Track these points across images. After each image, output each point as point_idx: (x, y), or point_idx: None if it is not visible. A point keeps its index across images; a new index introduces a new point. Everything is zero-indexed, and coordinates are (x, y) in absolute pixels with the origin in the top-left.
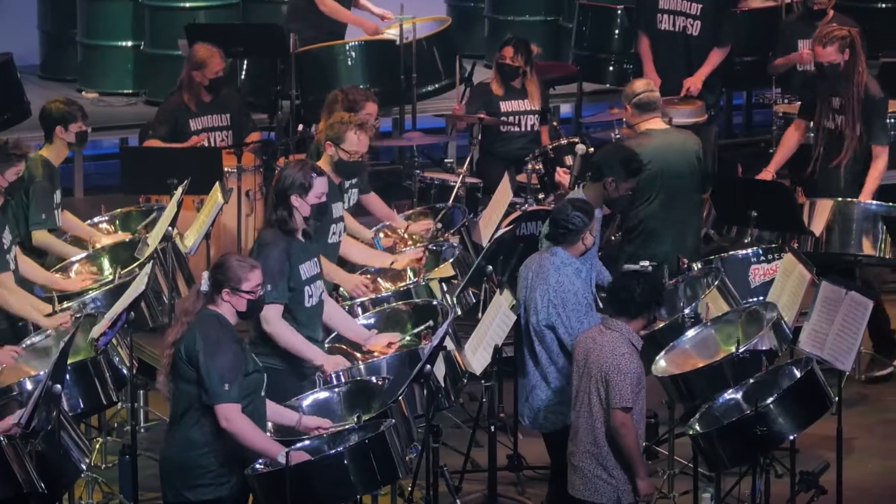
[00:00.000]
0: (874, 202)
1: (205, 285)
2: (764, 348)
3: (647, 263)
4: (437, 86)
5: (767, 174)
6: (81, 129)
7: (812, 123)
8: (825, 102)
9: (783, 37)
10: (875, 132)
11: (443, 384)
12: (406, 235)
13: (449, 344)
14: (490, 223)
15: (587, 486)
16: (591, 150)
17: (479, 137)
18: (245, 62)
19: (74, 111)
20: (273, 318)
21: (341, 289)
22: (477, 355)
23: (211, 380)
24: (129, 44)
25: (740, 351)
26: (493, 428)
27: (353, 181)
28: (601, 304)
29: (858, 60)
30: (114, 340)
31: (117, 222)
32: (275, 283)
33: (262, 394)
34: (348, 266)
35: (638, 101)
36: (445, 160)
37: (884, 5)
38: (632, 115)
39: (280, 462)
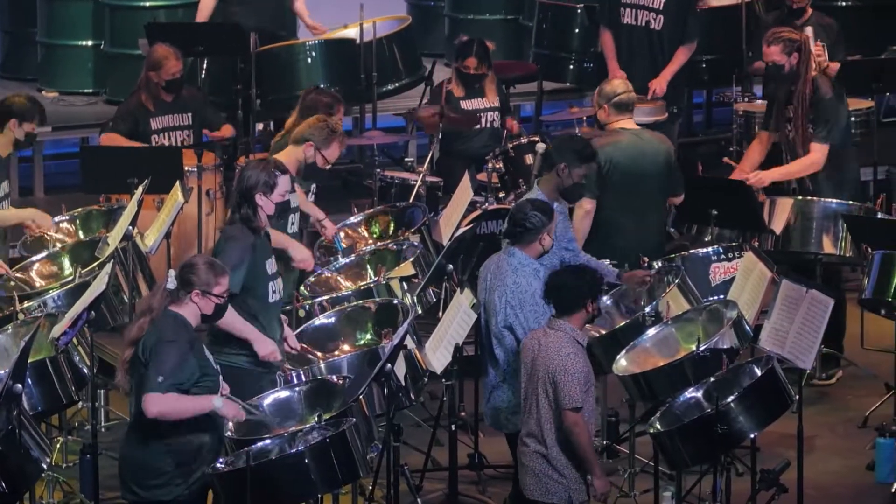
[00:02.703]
0: (834, 200)
1: (171, 283)
2: (725, 347)
3: (608, 262)
4: (397, 85)
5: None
6: (33, 130)
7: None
8: (781, 113)
9: (761, 36)
10: (817, 129)
11: (403, 383)
12: (366, 234)
13: (409, 343)
14: (450, 222)
15: (539, 487)
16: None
17: (440, 136)
18: (205, 61)
19: (34, 111)
20: None
21: (301, 287)
22: (437, 354)
23: (150, 371)
24: (90, 43)
25: (701, 349)
26: (453, 427)
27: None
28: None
29: (807, 67)
30: (74, 340)
31: (78, 221)
32: (234, 271)
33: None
34: None
35: (618, 101)
36: (406, 159)
37: (843, 4)
38: (608, 114)
39: (217, 406)
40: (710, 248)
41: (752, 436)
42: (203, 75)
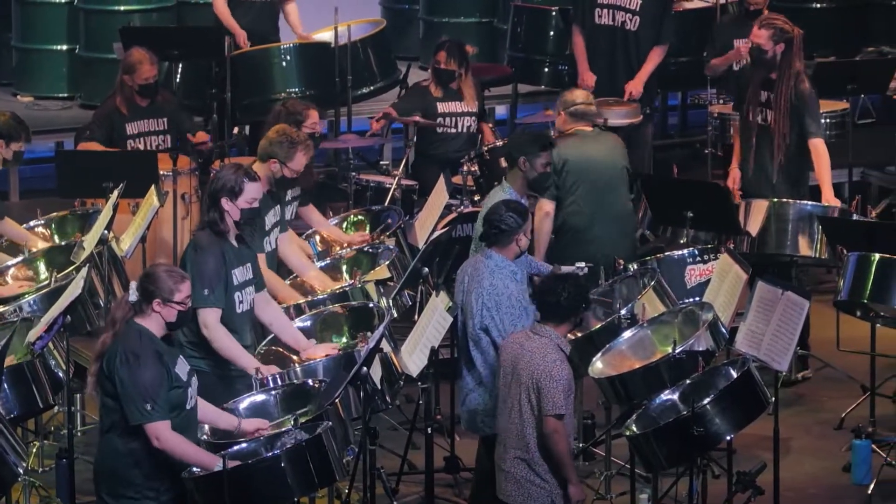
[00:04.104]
0: (809, 202)
1: (133, 295)
2: (700, 349)
3: (582, 264)
4: (372, 88)
5: (735, 172)
6: (21, 149)
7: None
8: (755, 95)
9: (719, 37)
10: (808, 126)
11: (379, 386)
12: (343, 238)
13: (385, 346)
14: (426, 225)
15: (520, 492)
16: None
17: (415, 139)
18: (180, 65)
19: (20, 131)
20: (212, 323)
21: None
22: (413, 357)
23: (133, 400)
24: (65, 47)
25: (677, 351)
26: (429, 430)
27: (297, 194)
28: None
29: (793, 59)
30: (50, 344)
31: (53, 226)
32: (212, 288)
33: (191, 406)
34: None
35: (574, 111)
36: (381, 162)
37: (818, 5)
38: (564, 121)
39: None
40: (685, 251)
41: (728, 438)
42: (178, 79)
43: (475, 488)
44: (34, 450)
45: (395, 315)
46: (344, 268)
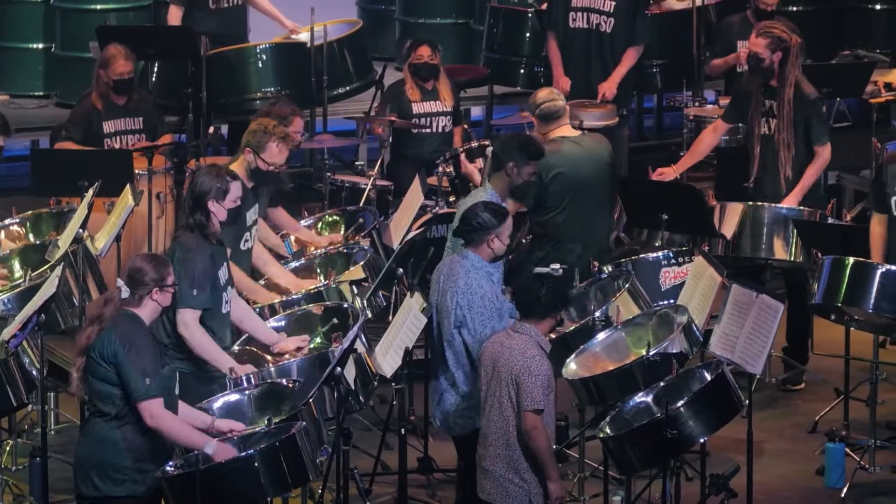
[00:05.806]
0: (784, 206)
1: (125, 293)
2: (674, 351)
3: (557, 266)
4: (347, 88)
5: (670, 172)
6: (2, 142)
7: (737, 126)
8: (757, 105)
9: (722, 37)
10: (815, 132)
11: (353, 387)
12: (315, 240)
13: (359, 346)
14: (401, 226)
15: (498, 490)
16: None
17: (390, 140)
18: (156, 64)
19: (2, 127)
20: (192, 322)
21: None
22: (387, 358)
23: (132, 377)
24: (40, 46)
25: (651, 354)
26: (403, 431)
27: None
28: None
29: (790, 68)
30: (24, 343)
31: (28, 224)
32: (201, 288)
33: (176, 392)
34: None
35: (540, 112)
36: (356, 163)
37: (794, 9)
38: (538, 125)
39: (208, 454)
40: (660, 253)
41: (701, 440)
42: (154, 78)
43: (460, 487)
44: (7, 448)
45: (370, 316)
46: (318, 268)
